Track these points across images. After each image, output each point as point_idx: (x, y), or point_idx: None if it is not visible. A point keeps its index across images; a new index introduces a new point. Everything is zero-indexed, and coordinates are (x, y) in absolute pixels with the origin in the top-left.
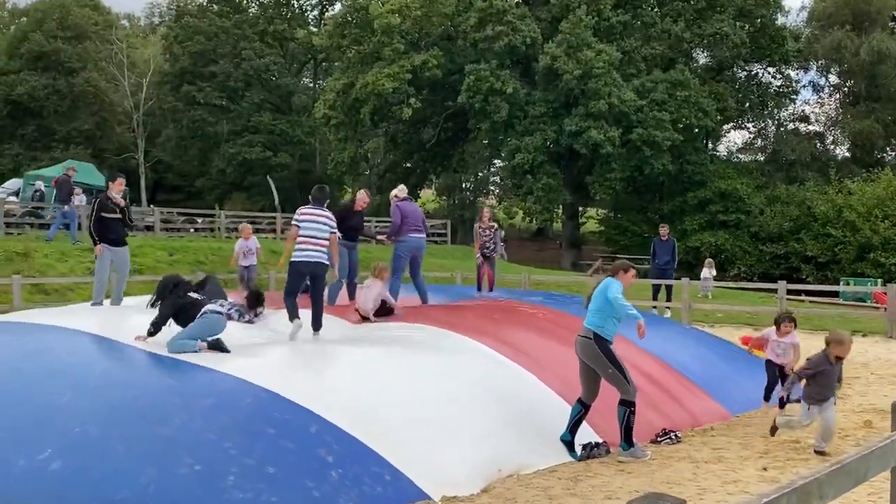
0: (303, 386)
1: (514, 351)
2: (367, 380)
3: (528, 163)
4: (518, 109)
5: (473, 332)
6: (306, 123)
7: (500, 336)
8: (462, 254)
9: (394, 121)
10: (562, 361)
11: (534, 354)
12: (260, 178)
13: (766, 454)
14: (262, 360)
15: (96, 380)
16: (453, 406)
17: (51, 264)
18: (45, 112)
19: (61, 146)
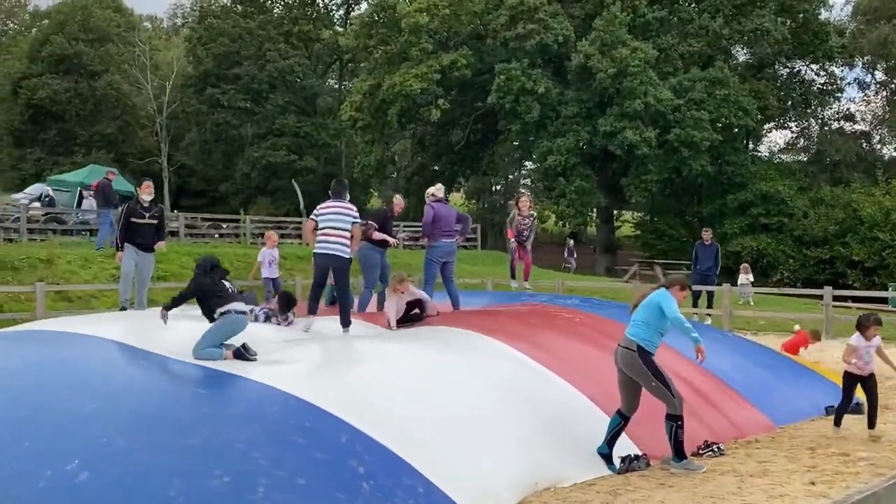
0: (332, 393)
1: (551, 357)
2: (399, 387)
3: (560, 165)
4: (550, 110)
5: (509, 337)
6: (332, 126)
7: (537, 341)
8: (493, 259)
9: (421, 122)
10: (600, 369)
11: (571, 361)
12: (285, 182)
13: (814, 468)
14: (290, 366)
15: (122, 388)
16: (488, 416)
17: (74, 271)
18: (66, 116)
19: (83, 150)
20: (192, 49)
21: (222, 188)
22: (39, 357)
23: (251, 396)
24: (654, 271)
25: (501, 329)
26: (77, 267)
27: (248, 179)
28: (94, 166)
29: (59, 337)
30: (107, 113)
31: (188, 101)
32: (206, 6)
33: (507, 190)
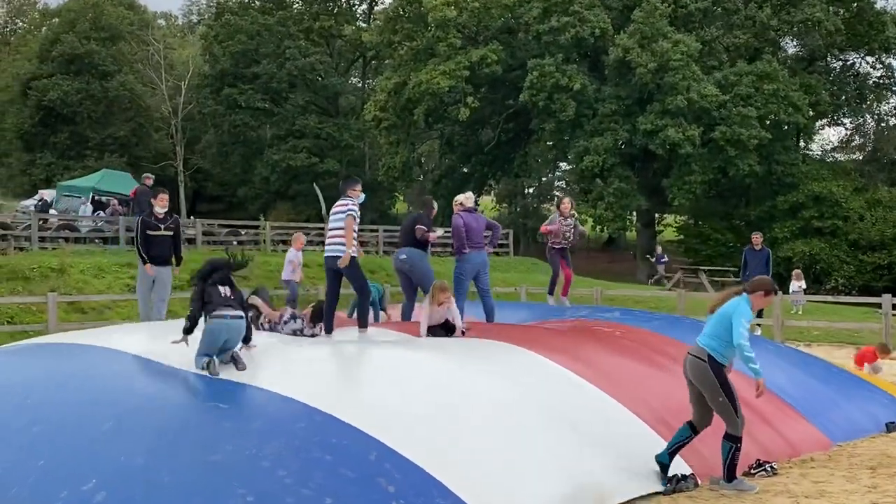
0: (360, 407)
1: (592, 371)
2: (431, 402)
3: (597, 165)
4: (586, 107)
5: (548, 350)
6: (355, 126)
7: (577, 355)
8: (526, 267)
9: (449, 122)
10: (645, 384)
11: (615, 376)
12: (306, 186)
13: (875, 489)
14: (315, 378)
15: (140, 404)
16: (527, 432)
17: (87, 281)
18: (78, 118)
19: (95, 154)
20: (209, 47)
21: (240, 193)
22: (53, 371)
23: (274, 410)
24: (700, 278)
25: (540, 341)
26: (90, 276)
27: (267, 183)
28: (106, 171)
29: (73, 350)
30: (119, 115)
31: (204, 101)
32: (223, 2)
33: (541, 193)
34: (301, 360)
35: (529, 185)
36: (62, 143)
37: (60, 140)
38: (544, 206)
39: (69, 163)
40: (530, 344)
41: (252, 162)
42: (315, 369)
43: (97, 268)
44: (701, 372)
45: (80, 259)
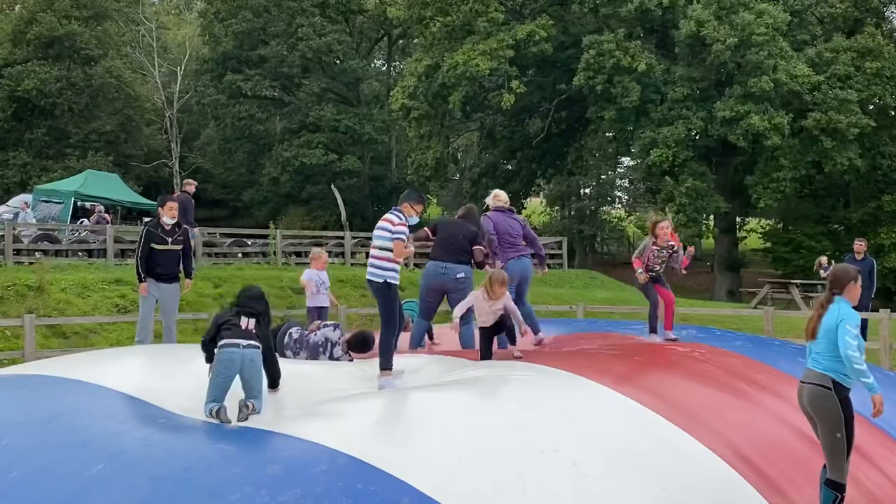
0: (390, 449)
1: (667, 405)
2: (474, 443)
3: (667, 160)
4: (653, 92)
5: (610, 378)
6: (379, 117)
7: (647, 384)
8: (583, 281)
9: (491, 111)
10: (726, 417)
11: (694, 410)
12: (322, 188)
13: None
14: (340, 418)
15: (135, 447)
16: (586, 476)
17: (70, 300)
18: (57, 111)
19: (77, 153)
20: (209, 27)
21: (246, 196)
22: (32, 407)
23: (291, 454)
24: (791, 293)
25: (601, 368)
26: (73, 295)
27: (276, 185)
28: (91, 172)
29: (55, 382)
30: (105, 106)
31: (204, 90)
32: None
33: (600, 193)
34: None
35: (586, 184)
36: (39, 140)
37: (37, 136)
38: (603, 210)
39: (47, 163)
40: (590, 371)
41: (259, 160)
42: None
43: (81, 285)
44: (824, 401)
45: (61, 275)
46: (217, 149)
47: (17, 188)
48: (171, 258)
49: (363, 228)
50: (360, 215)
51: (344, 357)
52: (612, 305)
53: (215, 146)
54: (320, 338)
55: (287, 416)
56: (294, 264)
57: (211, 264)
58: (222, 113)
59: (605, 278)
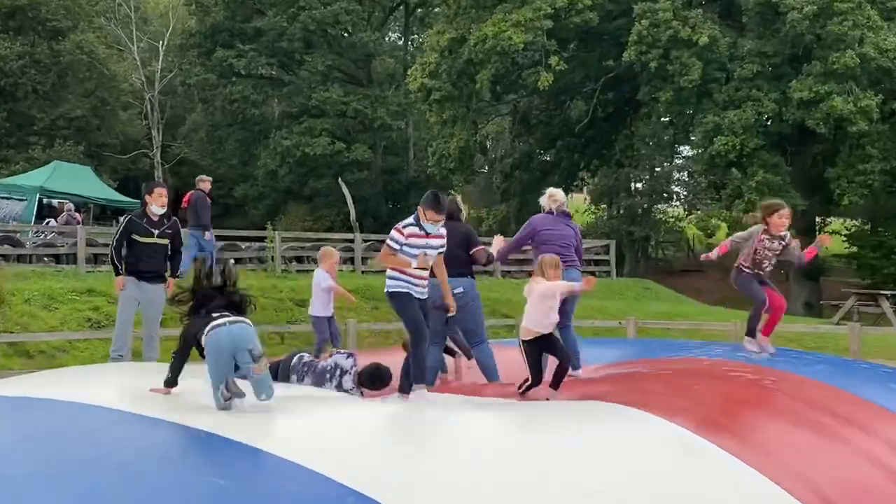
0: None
1: (735, 441)
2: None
3: (733, 150)
4: (717, 69)
5: (669, 410)
6: (394, 99)
7: (710, 415)
8: (634, 292)
9: (525, 91)
10: (807, 456)
11: (763, 444)
12: (328, 183)
13: None
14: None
15: (115, 479)
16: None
17: (34, 313)
18: (19, 92)
19: (43, 141)
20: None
21: (238, 192)
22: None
23: (293, 490)
24: (881, 306)
25: (656, 397)
26: (38, 308)
27: (274, 179)
28: (58, 164)
29: (22, 406)
30: (76, 87)
31: (190, 68)
32: None
33: (654, 189)
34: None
35: (637, 177)
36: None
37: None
38: (658, 208)
39: (7, 153)
40: (644, 401)
41: (254, 150)
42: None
43: (47, 296)
44: None
45: (23, 284)
46: (205, 137)
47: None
48: (156, 253)
49: (375, 230)
50: (372, 214)
51: (354, 390)
52: (669, 321)
53: (203, 134)
54: (330, 363)
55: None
56: (295, 271)
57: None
58: (211, 95)
59: (660, 289)
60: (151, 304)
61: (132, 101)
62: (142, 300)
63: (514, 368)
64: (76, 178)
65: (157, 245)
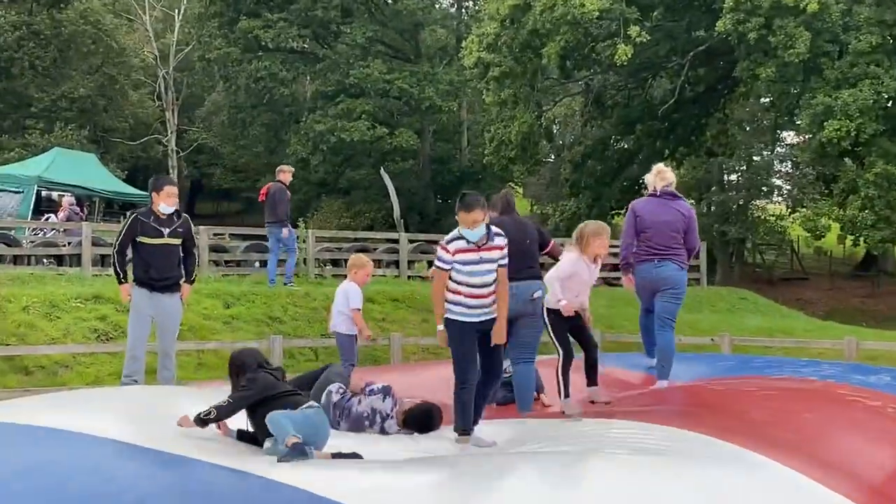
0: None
1: (845, 479)
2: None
3: (847, 136)
4: (828, 41)
5: (769, 444)
6: (445, 77)
7: (820, 450)
8: (728, 303)
9: (600, 67)
10: None
11: (885, 486)
12: (368, 174)
13: None
14: (404, 480)
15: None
16: None
17: (33, 323)
18: (15, 69)
19: (42, 124)
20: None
21: (264, 184)
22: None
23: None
24: None
25: (755, 427)
26: (38, 317)
27: (306, 169)
28: (59, 150)
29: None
30: (79, 63)
31: (209, 41)
32: None
33: (751, 181)
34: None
35: (731, 168)
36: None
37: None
38: (756, 205)
39: (2, 138)
40: (738, 432)
41: (283, 135)
42: (406, 471)
43: (49, 303)
44: None
45: (21, 289)
46: (226, 120)
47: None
48: (167, 257)
49: (423, 228)
50: (419, 210)
51: (399, 433)
52: (770, 337)
53: (224, 117)
54: (366, 409)
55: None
56: (330, 276)
57: (220, 276)
58: (234, 71)
59: (759, 299)
60: (167, 316)
61: (143, 79)
62: (156, 314)
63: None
64: (79, 166)
65: (169, 247)
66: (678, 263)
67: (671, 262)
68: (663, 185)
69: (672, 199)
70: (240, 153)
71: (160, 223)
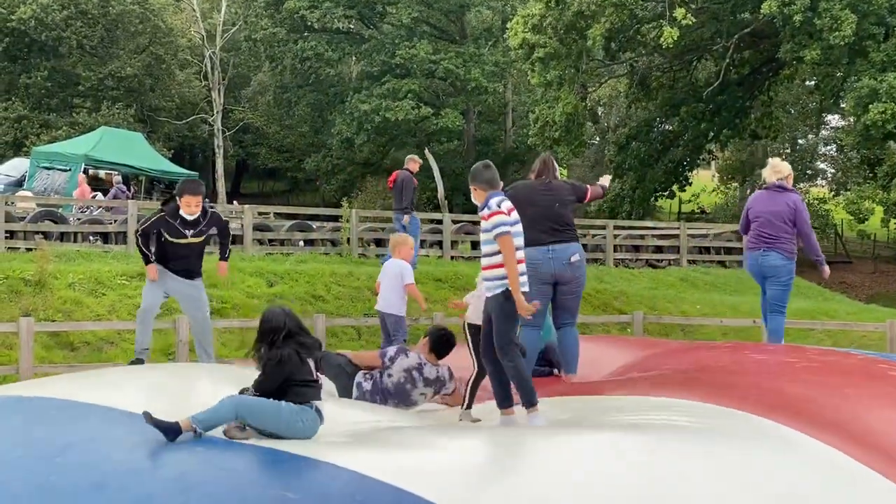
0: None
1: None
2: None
3: (892, 119)
4: (874, 23)
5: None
6: (490, 58)
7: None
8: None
9: (645, 50)
10: None
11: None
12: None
13: None
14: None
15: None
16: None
17: (79, 300)
18: (62, 48)
19: (89, 103)
20: None
21: (310, 164)
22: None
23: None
24: None
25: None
26: (83, 293)
27: (350, 149)
28: (106, 129)
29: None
30: (126, 43)
31: (256, 21)
32: None
33: (795, 165)
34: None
35: (776, 151)
36: (38, 87)
37: (36, 82)
38: (800, 188)
39: (49, 117)
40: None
41: (328, 115)
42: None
43: (94, 280)
44: None
45: (67, 266)
46: (272, 100)
47: (10, 150)
48: (188, 254)
49: (468, 209)
50: (464, 191)
51: (441, 370)
52: (813, 320)
53: (270, 97)
54: (398, 375)
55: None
56: (374, 256)
57: (264, 255)
58: (280, 52)
59: (802, 282)
60: (188, 301)
61: (190, 59)
62: (175, 293)
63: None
64: (126, 145)
65: (192, 245)
66: (783, 252)
67: (775, 250)
68: (777, 178)
69: (781, 191)
70: (285, 133)
71: (185, 225)
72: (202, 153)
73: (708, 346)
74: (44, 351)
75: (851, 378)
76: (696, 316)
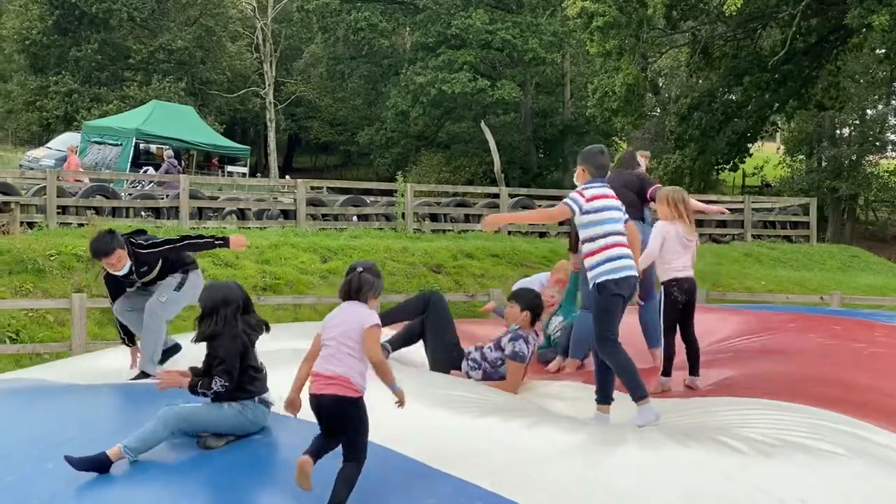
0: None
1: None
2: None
3: None
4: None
5: (880, 413)
6: (548, 28)
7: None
8: (839, 261)
9: (708, 18)
10: None
11: None
12: (468, 127)
13: None
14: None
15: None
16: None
17: None
18: (113, 20)
19: (140, 77)
20: None
21: (363, 138)
22: (86, 420)
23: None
24: None
25: (865, 392)
26: None
27: (405, 122)
28: (157, 103)
29: (113, 386)
30: (177, 15)
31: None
32: None
33: (864, 136)
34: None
35: (843, 122)
36: (89, 60)
37: (86, 55)
38: (869, 160)
39: (100, 91)
40: (848, 401)
41: (382, 87)
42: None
43: None
44: None
45: None
46: (325, 72)
47: (61, 125)
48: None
49: (524, 183)
50: (521, 164)
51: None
52: (882, 297)
53: (322, 69)
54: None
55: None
56: (430, 231)
57: (317, 230)
58: (332, 22)
59: (870, 257)
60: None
61: (241, 31)
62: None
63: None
64: (177, 119)
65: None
66: None
67: None
68: None
69: None
70: (338, 106)
71: (124, 279)
72: (254, 127)
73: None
74: (96, 328)
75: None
76: (762, 292)
